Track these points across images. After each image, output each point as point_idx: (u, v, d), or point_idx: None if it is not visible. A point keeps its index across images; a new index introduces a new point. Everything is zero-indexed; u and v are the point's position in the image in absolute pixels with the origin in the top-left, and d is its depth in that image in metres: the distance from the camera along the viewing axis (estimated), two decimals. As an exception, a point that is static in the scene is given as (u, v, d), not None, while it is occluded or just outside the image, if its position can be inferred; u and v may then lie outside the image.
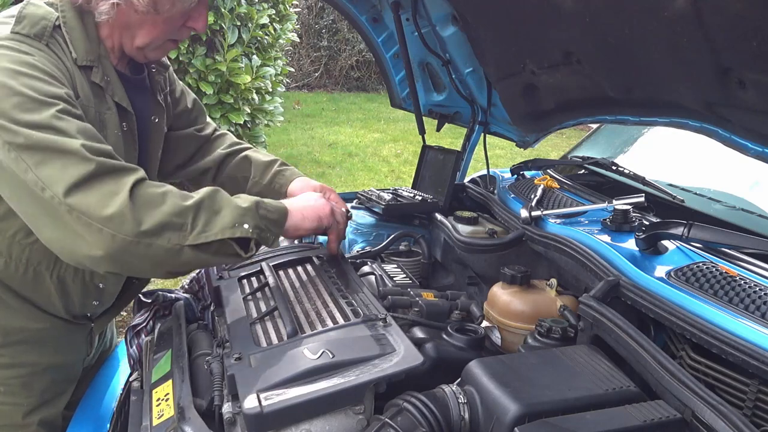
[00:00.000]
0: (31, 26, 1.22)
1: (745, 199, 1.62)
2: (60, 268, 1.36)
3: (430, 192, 2.12)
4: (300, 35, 9.69)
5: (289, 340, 1.13)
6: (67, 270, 1.37)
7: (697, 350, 1.10)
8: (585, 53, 1.46)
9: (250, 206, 1.23)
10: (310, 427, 0.96)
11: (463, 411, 0.98)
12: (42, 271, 1.34)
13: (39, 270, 1.34)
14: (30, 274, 1.33)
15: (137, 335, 1.51)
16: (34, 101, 1.12)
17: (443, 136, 2.60)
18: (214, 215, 1.18)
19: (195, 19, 1.35)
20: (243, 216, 1.20)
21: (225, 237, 1.17)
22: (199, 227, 1.15)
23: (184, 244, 1.14)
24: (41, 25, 1.23)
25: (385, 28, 2.17)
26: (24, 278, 1.33)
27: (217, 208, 1.19)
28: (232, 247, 1.19)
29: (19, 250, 1.30)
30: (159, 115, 1.53)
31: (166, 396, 1.17)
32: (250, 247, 1.22)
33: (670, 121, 1.44)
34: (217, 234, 1.16)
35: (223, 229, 1.17)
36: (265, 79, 4.92)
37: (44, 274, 1.35)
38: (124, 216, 1.09)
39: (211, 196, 1.20)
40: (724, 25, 1.04)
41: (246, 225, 1.19)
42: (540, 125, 1.99)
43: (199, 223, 1.16)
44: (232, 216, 1.19)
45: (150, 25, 1.29)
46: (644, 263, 1.30)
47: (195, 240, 1.14)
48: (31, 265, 1.33)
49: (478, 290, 1.78)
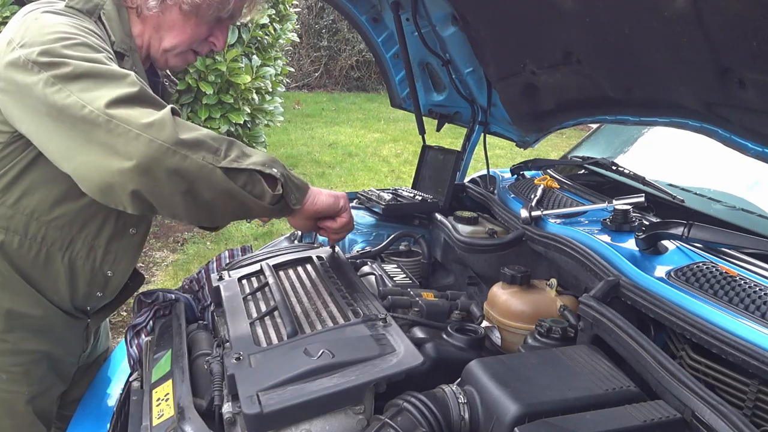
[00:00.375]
0: (84, 2, 1.30)
1: (745, 199, 1.62)
2: (72, 250, 1.38)
3: (430, 192, 2.12)
4: (300, 35, 9.69)
5: (289, 340, 1.13)
6: (80, 253, 1.39)
7: (697, 350, 1.10)
8: (585, 53, 1.46)
9: (276, 159, 1.26)
10: (310, 427, 0.96)
11: (463, 411, 0.98)
12: (54, 252, 1.36)
13: (52, 251, 1.36)
14: (42, 256, 1.35)
15: (137, 335, 1.51)
16: (86, 45, 1.19)
17: (443, 136, 2.60)
18: (245, 154, 1.21)
19: (216, 36, 1.45)
20: (273, 162, 1.23)
21: (256, 169, 1.19)
22: (233, 156, 1.17)
23: (218, 165, 1.14)
24: (93, 3, 1.31)
25: (385, 28, 2.17)
26: (36, 259, 1.35)
27: (248, 151, 1.22)
28: (261, 184, 1.21)
29: (35, 229, 1.32)
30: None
31: (166, 396, 1.17)
32: (277, 189, 1.24)
33: (670, 121, 1.44)
34: (249, 165, 1.19)
35: (255, 163, 1.20)
36: (265, 79, 4.92)
37: (56, 255, 1.36)
38: (165, 123, 1.11)
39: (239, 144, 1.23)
40: (724, 25, 1.04)
41: (275, 170, 1.22)
42: (540, 125, 1.99)
43: (232, 153, 1.18)
44: (262, 158, 1.22)
45: (181, 28, 1.37)
46: (644, 263, 1.30)
47: (229, 164, 1.16)
48: (45, 245, 1.34)
49: (478, 290, 1.78)
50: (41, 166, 1.27)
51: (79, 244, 1.38)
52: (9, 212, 1.30)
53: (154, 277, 4.00)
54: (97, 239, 1.40)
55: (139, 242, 1.48)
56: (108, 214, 1.38)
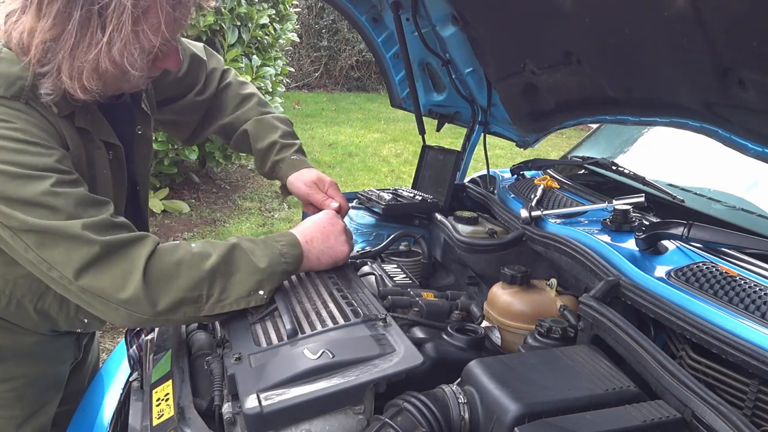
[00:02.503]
0: (6, 87, 1.11)
1: (745, 199, 1.62)
2: (44, 303, 1.33)
3: (430, 192, 2.12)
4: (300, 35, 9.68)
5: (289, 340, 1.12)
6: (51, 305, 1.34)
7: (697, 350, 1.10)
8: (585, 53, 1.46)
9: (267, 267, 1.19)
10: (310, 427, 0.96)
11: (463, 411, 0.98)
12: (26, 303, 1.32)
13: (23, 302, 1.32)
14: (13, 306, 1.32)
15: (137, 335, 1.50)
16: (23, 177, 1.05)
17: (443, 136, 2.60)
18: (229, 282, 1.16)
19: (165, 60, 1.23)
20: (260, 281, 1.19)
21: (240, 307, 1.18)
22: (215, 297, 1.15)
23: (200, 315, 1.16)
24: (18, 85, 1.12)
25: (385, 28, 2.17)
26: (8, 308, 1.32)
27: (233, 271, 1.17)
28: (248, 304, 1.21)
29: (2, 284, 1.28)
30: (144, 124, 1.45)
31: (166, 396, 1.17)
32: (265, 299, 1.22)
33: (670, 121, 1.44)
34: (233, 304, 1.17)
35: (238, 299, 1.17)
36: (265, 79, 4.92)
37: (28, 306, 1.33)
38: (139, 299, 1.08)
39: (227, 258, 1.16)
40: (724, 25, 1.04)
41: (261, 291, 1.19)
42: (540, 125, 1.99)
43: (215, 292, 1.15)
44: (249, 281, 1.17)
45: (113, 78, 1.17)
46: (644, 263, 1.30)
47: (210, 311, 1.16)
48: (14, 298, 1.31)
49: (478, 290, 1.78)
50: None
51: (50, 297, 1.33)
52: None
53: (154, 277, 3.99)
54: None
55: None
56: None
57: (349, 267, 1.48)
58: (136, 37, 1.11)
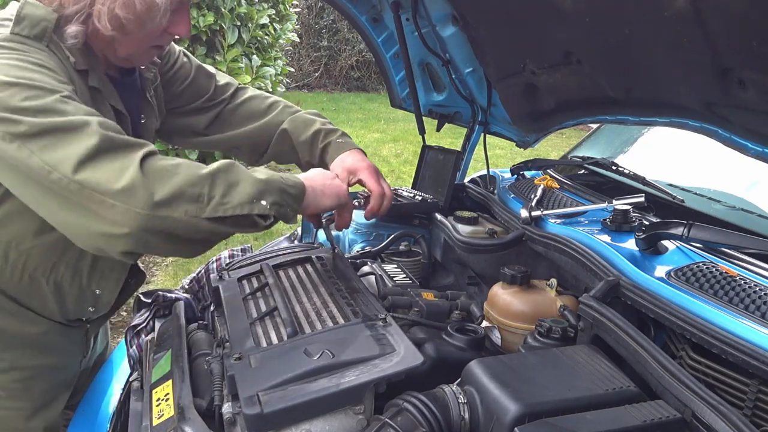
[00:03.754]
0: (31, 27, 1.18)
1: (745, 199, 1.62)
2: (56, 274, 1.35)
3: (430, 192, 2.12)
4: (300, 35, 9.68)
5: (289, 340, 1.12)
6: (64, 276, 1.36)
7: (697, 350, 1.10)
8: (585, 53, 1.46)
9: (268, 179, 1.18)
10: (310, 427, 0.96)
11: (463, 411, 0.98)
12: (38, 277, 1.33)
13: (35, 276, 1.33)
14: (26, 280, 1.32)
15: (137, 335, 1.50)
16: (36, 89, 1.09)
17: (443, 136, 2.60)
18: (231, 187, 1.13)
19: (176, 25, 1.30)
20: (262, 191, 1.15)
21: (243, 212, 1.13)
22: (217, 198, 1.11)
23: (202, 216, 1.10)
24: (41, 26, 1.19)
25: (385, 28, 2.17)
26: (20, 284, 1.33)
27: (233, 180, 1.14)
28: (250, 219, 1.15)
29: (15, 256, 1.29)
30: (147, 114, 1.49)
31: (166, 396, 1.17)
32: (268, 219, 1.18)
33: (670, 121, 1.44)
34: (236, 208, 1.12)
35: (241, 203, 1.12)
36: (265, 79, 4.92)
37: (40, 280, 1.34)
38: (136, 188, 1.05)
39: (227, 167, 1.15)
40: (724, 25, 1.04)
41: (264, 201, 1.15)
42: (540, 125, 1.99)
43: (216, 194, 1.11)
44: (250, 189, 1.14)
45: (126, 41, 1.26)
46: (644, 263, 1.30)
47: (213, 213, 1.10)
48: (26, 271, 1.31)
49: (478, 290, 1.78)
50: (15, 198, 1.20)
51: (63, 267, 1.34)
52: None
53: (154, 277, 4.00)
54: (81, 261, 1.36)
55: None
56: None
57: (349, 267, 1.48)
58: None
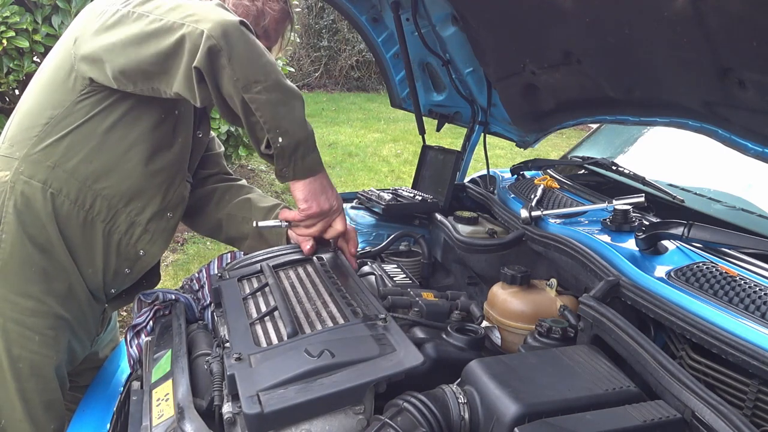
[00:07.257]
0: None
1: (745, 199, 1.62)
2: (114, 223, 1.47)
3: (430, 192, 2.12)
4: (300, 35, 9.69)
5: (289, 340, 1.12)
6: (120, 227, 1.48)
7: (697, 350, 1.10)
8: (585, 53, 1.46)
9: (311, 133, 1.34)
10: (310, 427, 0.96)
11: (463, 411, 0.98)
12: (98, 222, 1.45)
13: (95, 221, 1.44)
14: (87, 224, 1.44)
15: (137, 335, 1.51)
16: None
17: (443, 136, 2.60)
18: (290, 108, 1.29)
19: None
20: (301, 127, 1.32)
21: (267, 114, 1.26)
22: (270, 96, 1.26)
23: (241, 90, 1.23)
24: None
25: (385, 28, 2.18)
26: (80, 227, 1.43)
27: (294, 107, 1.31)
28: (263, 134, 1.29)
29: (84, 195, 1.41)
30: (204, 130, 1.65)
31: (166, 396, 1.17)
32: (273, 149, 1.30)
33: (670, 121, 1.44)
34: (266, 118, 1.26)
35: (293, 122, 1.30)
36: (265, 79, 4.91)
37: (98, 226, 1.45)
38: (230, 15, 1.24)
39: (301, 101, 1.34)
40: (724, 25, 1.04)
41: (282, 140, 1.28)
42: (540, 125, 1.99)
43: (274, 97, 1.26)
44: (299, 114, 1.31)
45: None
46: (644, 263, 1.30)
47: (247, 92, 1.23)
48: (90, 214, 1.43)
49: (478, 290, 1.78)
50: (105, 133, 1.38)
51: (122, 218, 1.47)
52: (64, 176, 1.39)
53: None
54: (139, 216, 1.49)
55: (173, 227, 1.58)
56: (154, 193, 1.47)
57: (349, 267, 1.48)
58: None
